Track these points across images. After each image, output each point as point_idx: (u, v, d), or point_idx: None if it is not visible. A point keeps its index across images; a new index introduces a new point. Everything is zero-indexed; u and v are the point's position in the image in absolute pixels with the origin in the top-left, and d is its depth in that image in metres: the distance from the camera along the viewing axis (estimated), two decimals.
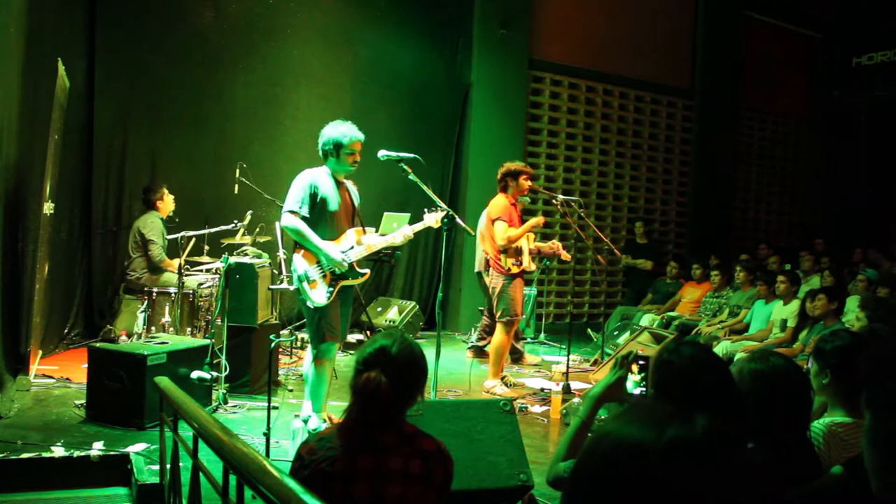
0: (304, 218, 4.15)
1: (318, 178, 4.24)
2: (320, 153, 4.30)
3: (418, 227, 4.55)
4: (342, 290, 4.28)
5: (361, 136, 4.27)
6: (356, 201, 4.47)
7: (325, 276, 4.20)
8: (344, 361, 6.13)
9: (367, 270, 4.45)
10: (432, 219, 4.50)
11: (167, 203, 6.42)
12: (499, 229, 5.68)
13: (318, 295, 4.17)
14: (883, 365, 2.19)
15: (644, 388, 2.23)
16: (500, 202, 5.82)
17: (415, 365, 2.02)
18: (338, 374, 5.30)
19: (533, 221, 5.96)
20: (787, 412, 2.07)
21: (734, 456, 1.02)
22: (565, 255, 6.59)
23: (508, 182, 5.88)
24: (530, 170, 6.06)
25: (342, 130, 4.24)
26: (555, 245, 6.31)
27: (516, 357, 6.94)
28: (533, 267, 6.44)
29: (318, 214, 4.21)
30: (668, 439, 0.97)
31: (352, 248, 4.30)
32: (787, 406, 2.08)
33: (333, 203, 4.25)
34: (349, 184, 4.46)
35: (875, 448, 1.68)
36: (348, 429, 1.96)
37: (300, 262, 4.19)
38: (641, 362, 2.25)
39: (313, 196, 4.19)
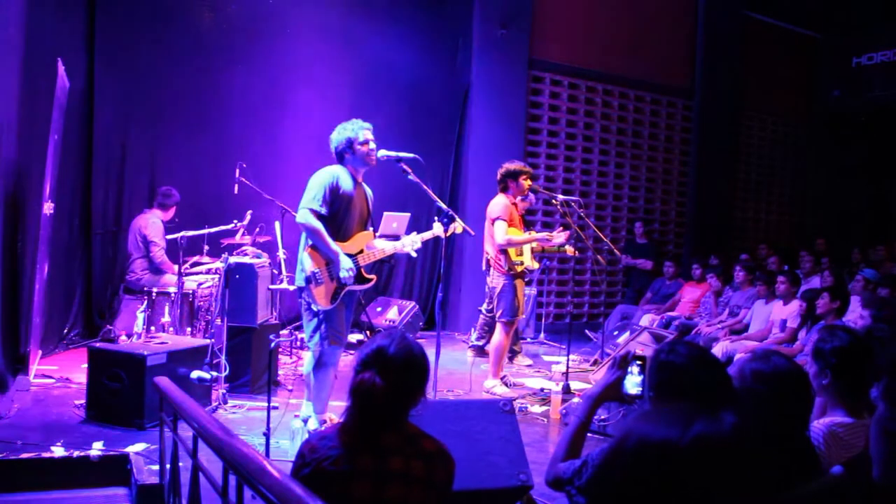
0: (321, 216, 4.08)
1: (339, 175, 4.18)
2: (335, 156, 4.28)
3: (427, 235, 4.54)
4: (347, 294, 4.27)
5: (369, 125, 4.28)
6: (370, 204, 4.45)
7: (332, 279, 4.14)
8: (344, 361, 6.12)
9: (374, 276, 4.43)
10: (441, 228, 4.49)
11: (173, 212, 6.44)
12: (499, 229, 5.67)
13: (324, 298, 4.12)
14: None
15: (642, 389, 2.23)
16: (500, 201, 5.81)
17: (412, 366, 2.00)
18: (337, 374, 5.29)
19: (540, 236, 5.95)
20: (787, 412, 2.08)
21: (756, 452, 1.03)
22: (570, 250, 6.57)
23: (508, 182, 5.87)
24: (530, 169, 6.05)
25: (349, 127, 4.24)
26: (554, 237, 6.27)
27: (510, 356, 6.94)
28: (535, 265, 6.45)
29: (335, 212, 4.14)
30: (694, 435, 0.98)
31: (361, 252, 4.28)
32: (788, 406, 2.08)
33: (350, 202, 4.20)
34: (366, 186, 4.43)
35: (887, 438, 1.69)
36: (349, 428, 1.96)
37: (308, 262, 4.10)
38: (639, 362, 2.24)
39: (334, 192, 4.12)
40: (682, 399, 1.94)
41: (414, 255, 4.52)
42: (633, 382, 2.25)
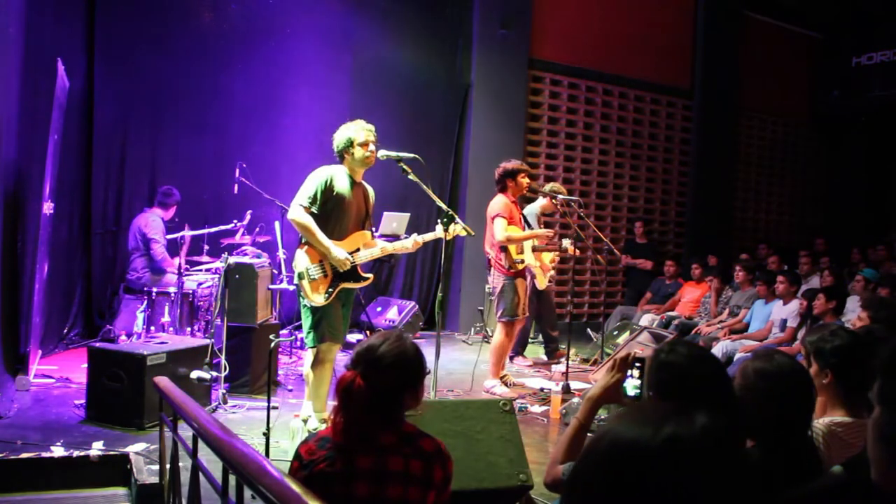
0: (312, 214, 4.11)
1: (334, 175, 4.20)
2: (337, 156, 4.30)
3: (429, 236, 4.55)
4: (342, 292, 4.27)
5: (371, 127, 4.29)
6: (371, 204, 4.45)
7: (326, 276, 4.17)
8: (343, 360, 6.12)
9: (371, 275, 4.43)
10: (442, 231, 4.50)
11: (173, 211, 6.43)
12: (497, 226, 5.68)
13: (317, 294, 4.14)
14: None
15: (640, 391, 2.21)
16: (499, 200, 5.82)
17: (401, 365, 1.97)
18: (335, 372, 5.30)
19: (540, 232, 5.95)
20: (790, 411, 2.07)
21: (733, 454, 1.01)
22: (570, 249, 6.59)
23: (507, 182, 5.88)
24: (528, 168, 6.05)
25: (352, 127, 4.25)
26: (554, 241, 6.31)
27: (515, 353, 6.95)
28: (545, 284, 6.48)
29: (329, 212, 4.16)
30: (665, 437, 0.97)
31: (357, 250, 4.28)
32: (790, 405, 2.07)
33: (346, 202, 4.21)
34: (367, 186, 4.43)
35: (883, 442, 1.68)
36: (344, 429, 1.95)
37: (302, 259, 4.14)
38: (638, 364, 2.22)
39: (328, 191, 4.14)
40: (683, 399, 1.93)
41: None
42: (633, 385, 2.22)
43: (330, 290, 4.18)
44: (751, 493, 0.99)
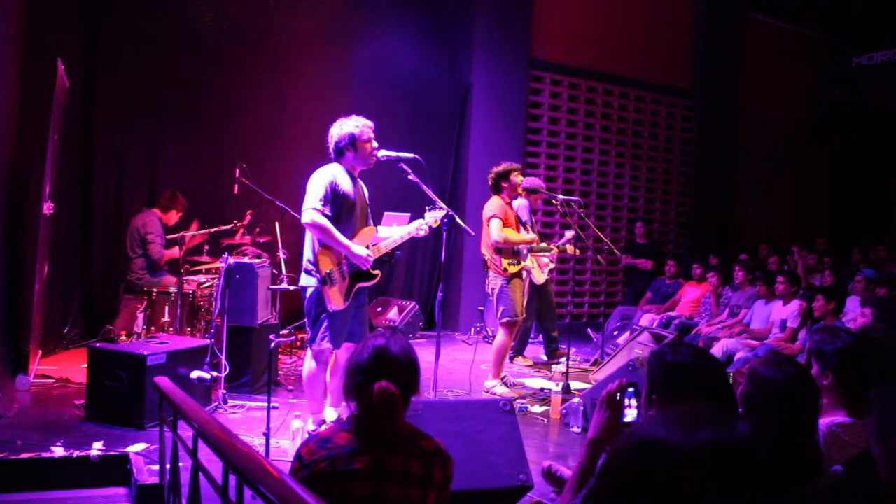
0: (326, 215, 4.04)
1: (336, 174, 4.15)
2: (333, 153, 4.23)
3: (423, 224, 4.48)
4: (355, 293, 4.25)
5: (371, 123, 4.25)
6: (368, 199, 4.42)
7: (345, 279, 4.13)
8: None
9: (379, 271, 4.40)
10: (431, 218, 4.48)
11: (173, 215, 6.41)
12: (494, 227, 5.68)
13: (338, 298, 4.09)
14: (891, 365, 2.19)
15: (638, 411, 2.16)
16: (494, 202, 5.83)
17: (414, 363, 2.03)
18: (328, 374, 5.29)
19: (530, 237, 5.95)
20: (798, 419, 2.07)
21: (767, 466, 1.00)
22: (570, 249, 6.61)
23: (501, 184, 5.88)
24: (518, 165, 6.06)
25: (353, 123, 4.19)
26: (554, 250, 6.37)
27: (515, 353, 6.95)
28: (543, 278, 6.48)
29: (339, 211, 4.11)
30: (701, 441, 0.96)
31: (367, 247, 4.27)
32: (799, 413, 2.07)
33: (351, 200, 4.17)
34: (361, 182, 4.40)
35: (875, 443, 1.69)
36: (349, 431, 1.95)
37: (324, 263, 4.06)
38: (630, 389, 2.17)
39: (334, 192, 4.09)
40: (687, 400, 1.92)
41: (422, 233, 4.49)
42: (629, 413, 2.16)
43: (349, 290, 4.14)
44: (754, 496, 0.98)
